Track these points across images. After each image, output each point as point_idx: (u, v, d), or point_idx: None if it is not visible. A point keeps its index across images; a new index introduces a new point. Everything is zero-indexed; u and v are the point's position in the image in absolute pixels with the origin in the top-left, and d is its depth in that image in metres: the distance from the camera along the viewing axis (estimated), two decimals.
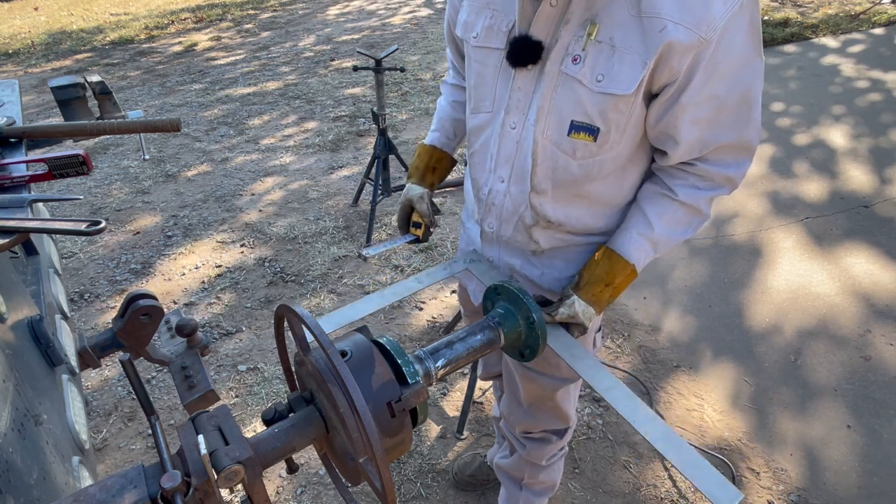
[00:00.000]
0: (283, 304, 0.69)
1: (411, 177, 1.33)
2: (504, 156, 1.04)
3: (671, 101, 0.87)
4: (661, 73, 0.84)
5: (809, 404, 2.17)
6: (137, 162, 4.43)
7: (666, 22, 0.79)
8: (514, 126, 1.00)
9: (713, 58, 0.82)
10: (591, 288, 1.03)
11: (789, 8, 7.23)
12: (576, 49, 0.88)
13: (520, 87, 0.97)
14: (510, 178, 1.05)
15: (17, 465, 0.62)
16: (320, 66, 6.55)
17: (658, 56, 0.82)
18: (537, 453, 1.50)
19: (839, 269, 2.84)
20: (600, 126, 0.91)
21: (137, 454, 2.10)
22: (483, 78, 1.03)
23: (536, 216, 1.05)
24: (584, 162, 0.97)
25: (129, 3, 11.40)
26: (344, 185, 3.92)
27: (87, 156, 1.03)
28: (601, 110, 0.89)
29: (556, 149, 0.96)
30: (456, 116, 1.33)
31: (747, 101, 0.89)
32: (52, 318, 1.02)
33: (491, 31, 0.98)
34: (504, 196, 1.08)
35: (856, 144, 3.98)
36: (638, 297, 2.78)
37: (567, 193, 1.02)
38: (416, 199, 1.28)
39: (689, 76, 0.84)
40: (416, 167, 1.33)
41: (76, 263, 3.22)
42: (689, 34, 0.79)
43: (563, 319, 1.02)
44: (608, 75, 0.86)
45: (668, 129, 0.91)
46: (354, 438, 0.65)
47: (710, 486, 0.77)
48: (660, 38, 0.80)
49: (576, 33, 0.87)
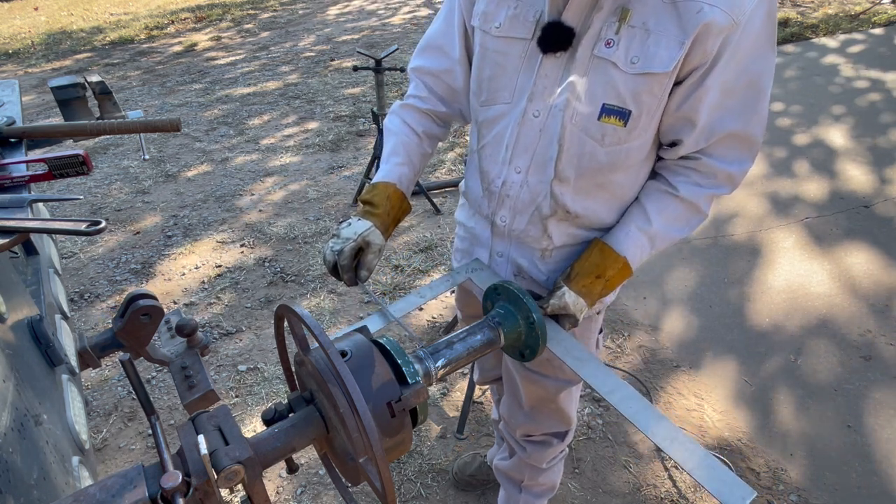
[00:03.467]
0: (283, 304, 0.69)
1: (374, 215, 1.08)
2: (523, 145, 1.03)
3: (696, 84, 0.89)
4: (695, 55, 0.86)
5: (809, 404, 2.17)
6: (137, 162, 4.43)
7: (702, 4, 0.82)
8: (537, 114, 0.99)
9: (738, 42, 0.85)
10: (581, 279, 1.03)
11: (789, 8, 7.24)
12: (609, 34, 0.89)
13: (546, 74, 0.97)
14: (528, 167, 1.04)
15: (17, 465, 0.62)
16: (320, 66, 6.55)
17: (695, 37, 0.83)
18: (538, 456, 1.50)
19: (839, 269, 2.84)
20: (632, 109, 0.92)
21: (137, 454, 2.10)
22: (503, 68, 1.02)
23: (556, 205, 1.04)
24: (612, 149, 0.97)
25: (129, 3, 11.40)
26: (344, 185, 3.92)
27: (87, 156, 1.04)
28: (635, 92, 0.90)
29: (585, 135, 0.96)
30: (424, 151, 1.19)
31: (755, 89, 0.90)
32: (52, 318, 1.02)
33: (516, 21, 0.98)
34: (520, 187, 1.06)
35: (855, 144, 3.98)
36: (638, 297, 2.78)
37: (590, 183, 1.02)
38: (374, 248, 1.05)
39: (716, 59, 0.86)
40: (386, 211, 1.10)
41: (76, 263, 3.22)
42: (724, 16, 0.82)
43: (553, 311, 1.02)
44: (643, 57, 0.87)
45: (690, 112, 0.92)
46: (354, 438, 0.65)
47: (722, 486, 0.75)
48: (697, 18, 0.82)
49: (608, 19, 0.89)
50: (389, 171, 1.14)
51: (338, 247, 1.03)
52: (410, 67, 1.22)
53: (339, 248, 1.03)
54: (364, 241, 1.04)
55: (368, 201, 1.11)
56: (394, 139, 1.18)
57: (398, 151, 1.16)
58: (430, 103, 1.20)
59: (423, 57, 1.19)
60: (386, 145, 1.19)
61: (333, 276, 1.07)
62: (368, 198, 1.11)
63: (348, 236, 1.04)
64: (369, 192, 1.12)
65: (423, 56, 1.19)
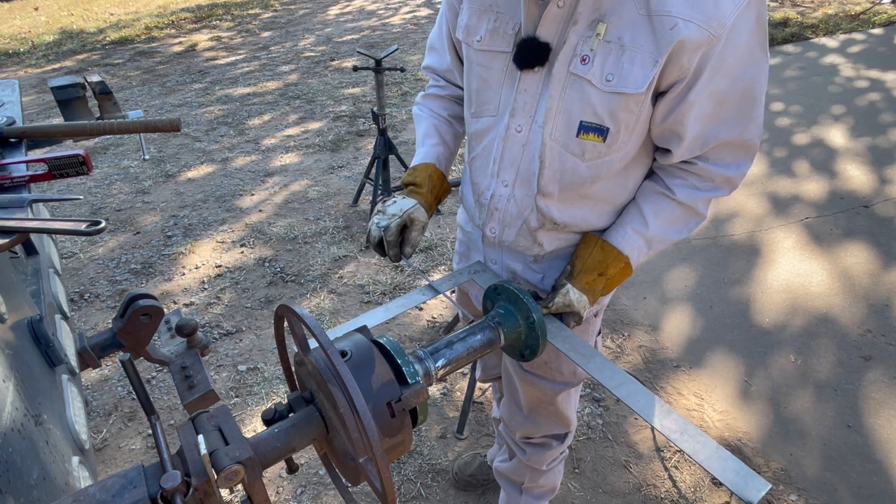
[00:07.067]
0: (283, 304, 0.69)
1: (418, 194, 1.13)
2: (508, 159, 1.03)
3: (679, 98, 0.87)
4: (671, 71, 0.84)
5: (809, 404, 2.17)
6: (137, 162, 4.43)
7: (676, 20, 0.80)
8: (519, 129, 0.99)
9: (721, 54, 0.82)
10: (584, 276, 1.03)
11: (789, 8, 7.24)
12: (584, 49, 0.87)
13: (525, 89, 0.96)
14: (515, 181, 1.04)
15: (17, 465, 0.62)
16: (320, 66, 6.55)
17: (669, 54, 0.82)
18: (537, 458, 1.50)
19: (839, 269, 2.84)
20: (610, 126, 0.91)
21: (137, 454, 2.10)
22: (486, 82, 1.02)
23: (542, 219, 1.05)
24: (593, 163, 0.96)
25: (129, 3, 11.40)
26: (344, 185, 3.92)
27: (87, 156, 1.04)
28: (611, 110, 0.89)
29: (565, 150, 0.96)
30: (455, 131, 1.24)
31: (749, 97, 0.89)
32: (52, 318, 1.01)
33: (496, 34, 0.97)
34: (508, 200, 1.07)
35: (855, 144, 3.98)
36: (638, 297, 2.78)
37: (573, 195, 1.01)
38: (418, 224, 1.09)
39: (697, 73, 0.84)
40: (429, 189, 1.14)
41: (76, 263, 3.22)
42: (699, 31, 0.79)
43: (558, 309, 1.01)
44: (618, 75, 0.86)
45: (675, 126, 0.91)
46: (354, 438, 0.65)
47: (735, 478, 0.73)
48: (671, 35, 0.80)
49: (584, 34, 0.87)
50: (427, 153, 1.18)
51: (384, 223, 1.07)
52: (423, 65, 1.28)
53: (385, 224, 1.06)
54: (409, 217, 1.08)
55: (411, 182, 1.15)
56: (424, 124, 1.23)
57: (431, 133, 1.20)
58: (449, 90, 1.25)
59: (429, 56, 1.24)
60: (418, 131, 1.25)
61: (378, 252, 1.10)
62: (410, 179, 1.16)
63: (394, 213, 1.07)
64: (410, 174, 1.17)
65: (429, 55, 1.25)
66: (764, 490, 0.71)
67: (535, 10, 0.90)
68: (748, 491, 0.71)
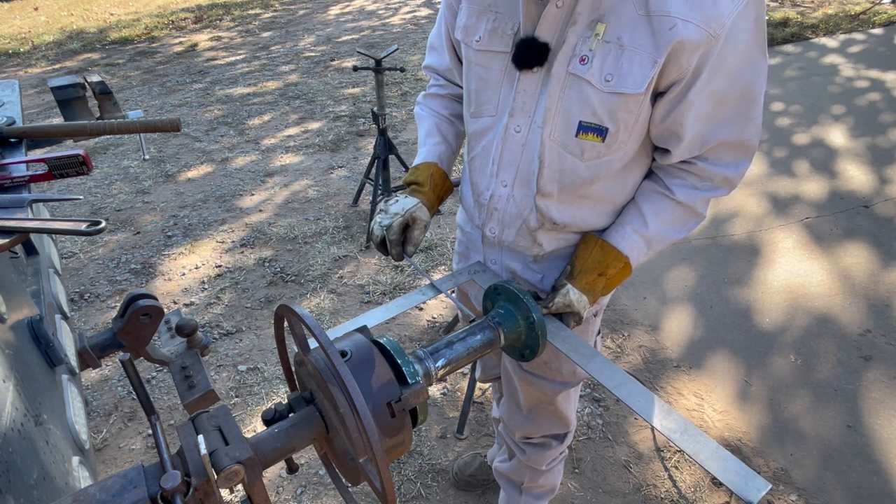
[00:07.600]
0: (283, 304, 0.69)
1: (421, 193, 1.14)
2: (507, 159, 1.03)
3: (678, 98, 0.87)
4: (670, 71, 0.84)
5: (809, 404, 2.17)
6: (137, 162, 4.43)
7: (675, 20, 0.80)
8: (518, 129, 0.99)
9: (720, 54, 0.82)
10: (584, 276, 1.03)
11: (789, 8, 7.24)
12: (583, 49, 0.87)
13: (525, 89, 0.96)
14: (514, 181, 1.04)
15: (17, 465, 0.62)
16: (320, 66, 6.55)
17: (668, 54, 0.82)
18: (537, 458, 1.50)
19: (839, 268, 2.84)
20: (609, 126, 0.91)
21: (137, 454, 2.10)
22: (486, 82, 1.02)
23: (542, 219, 1.05)
24: (592, 163, 0.96)
25: (129, 3, 11.40)
26: (344, 185, 3.92)
27: (87, 156, 1.04)
28: (610, 110, 0.89)
29: (564, 150, 0.96)
30: (457, 130, 1.24)
31: (748, 97, 0.89)
32: (52, 318, 1.02)
33: (495, 34, 0.97)
34: (507, 200, 1.07)
35: (855, 144, 3.98)
36: (638, 297, 2.78)
37: (573, 195, 1.01)
38: (420, 223, 1.09)
39: (696, 73, 0.84)
40: (431, 188, 1.14)
41: (76, 263, 3.22)
42: (698, 31, 0.79)
43: (558, 310, 1.01)
44: (617, 75, 0.86)
45: (674, 126, 0.91)
46: (354, 438, 0.65)
47: (735, 478, 0.73)
48: (670, 35, 0.80)
49: (583, 34, 0.87)
50: (428, 152, 1.18)
51: (386, 222, 1.07)
52: (423, 65, 1.28)
53: (388, 223, 1.07)
54: (411, 216, 1.08)
55: (413, 181, 1.15)
56: (426, 123, 1.23)
57: (432, 133, 1.21)
58: (449, 89, 1.25)
59: (429, 56, 1.24)
60: (420, 130, 1.25)
61: (380, 251, 1.11)
62: (412, 178, 1.16)
63: (396, 212, 1.08)
64: (412, 173, 1.17)
65: (429, 55, 1.25)
66: (764, 490, 0.71)
67: (533, 10, 0.90)
68: (748, 491, 0.71)
